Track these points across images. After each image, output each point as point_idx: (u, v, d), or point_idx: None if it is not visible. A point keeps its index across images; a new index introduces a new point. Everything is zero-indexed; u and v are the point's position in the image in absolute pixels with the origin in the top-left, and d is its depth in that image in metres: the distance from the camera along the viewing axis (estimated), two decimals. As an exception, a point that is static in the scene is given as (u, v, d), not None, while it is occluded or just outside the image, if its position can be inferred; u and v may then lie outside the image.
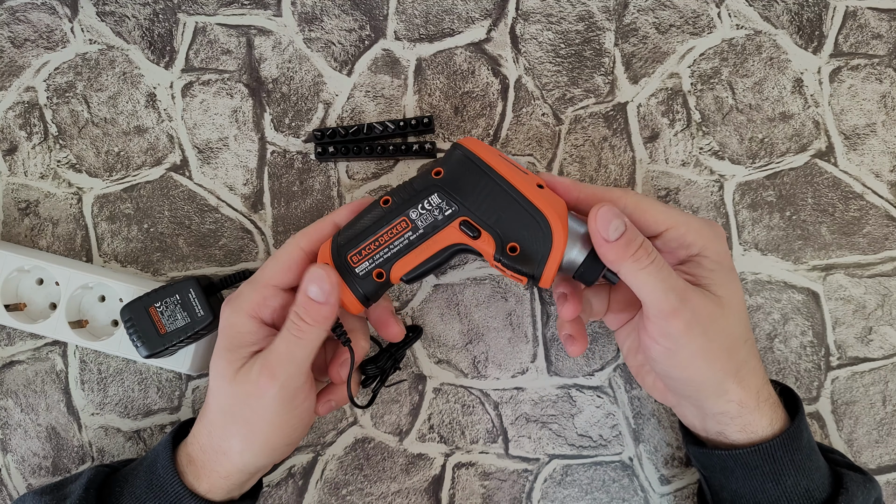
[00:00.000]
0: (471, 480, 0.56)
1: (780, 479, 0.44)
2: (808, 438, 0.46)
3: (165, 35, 0.58)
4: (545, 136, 0.58)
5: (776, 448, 0.44)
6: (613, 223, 0.40)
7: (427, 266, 0.43)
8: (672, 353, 0.42)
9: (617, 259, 0.41)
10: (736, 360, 0.43)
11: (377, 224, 0.43)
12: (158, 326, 0.49)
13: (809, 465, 0.45)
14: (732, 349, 0.43)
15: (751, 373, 0.44)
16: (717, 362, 0.43)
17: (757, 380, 0.45)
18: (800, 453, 0.45)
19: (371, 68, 0.58)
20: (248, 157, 0.58)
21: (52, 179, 0.58)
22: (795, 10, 0.59)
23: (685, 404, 0.47)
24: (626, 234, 0.41)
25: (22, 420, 0.56)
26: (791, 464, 0.44)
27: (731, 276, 0.44)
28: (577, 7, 0.58)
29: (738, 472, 0.46)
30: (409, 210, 0.43)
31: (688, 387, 0.45)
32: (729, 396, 0.44)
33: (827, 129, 0.58)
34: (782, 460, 0.44)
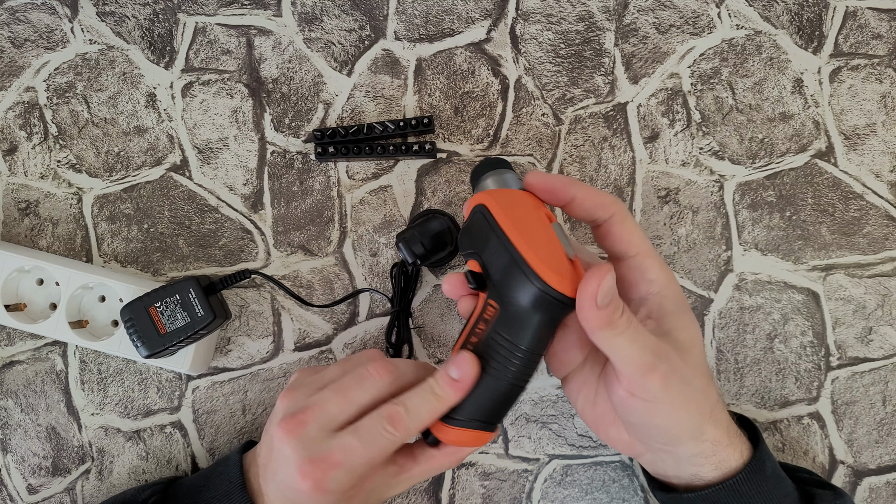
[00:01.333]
0: (471, 480, 0.56)
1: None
2: (772, 466, 0.46)
3: (165, 35, 0.58)
4: (545, 137, 0.58)
5: (741, 482, 0.44)
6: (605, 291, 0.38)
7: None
8: (653, 406, 0.41)
9: (599, 326, 0.39)
10: (710, 401, 0.43)
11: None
12: (158, 326, 0.49)
13: (777, 492, 0.45)
14: (706, 391, 0.43)
15: (721, 411, 0.44)
16: (694, 406, 0.42)
17: (725, 415, 0.45)
18: (766, 483, 0.45)
19: (371, 68, 0.58)
20: (248, 157, 0.58)
21: (52, 179, 0.58)
22: (795, 10, 0.59)
23: (658, 453, 0.46)
24: (613, 302, 0.39)
25: (22, 420, 0.56)
26: (758, 495, 0.44)
27: (690, 316, 0.44)
28: (577, 7, 0.58)
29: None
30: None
31: (666, 435, 0.44)
32: (705, 437, 0.43)
33: (827, 129, 0.58)
34: (749, 493, 0.44)
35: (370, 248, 0.57)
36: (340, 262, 0.57)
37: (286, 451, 0.42)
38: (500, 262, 0.40)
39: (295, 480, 0.41)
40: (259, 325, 0.57)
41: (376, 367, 0.43)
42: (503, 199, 0.42)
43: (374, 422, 0.42)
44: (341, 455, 0.41)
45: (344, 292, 0.57)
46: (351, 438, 0.41)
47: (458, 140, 0.58)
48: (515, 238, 0.40)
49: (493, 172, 0.44)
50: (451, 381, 0.42)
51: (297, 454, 0.41)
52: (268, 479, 0.44)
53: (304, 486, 0.41)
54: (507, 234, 0.40)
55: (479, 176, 0.45)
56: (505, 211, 0.41)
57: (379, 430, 0.41)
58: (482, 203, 0.42)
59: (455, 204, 0.57)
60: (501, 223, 0.40)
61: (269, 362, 0.57)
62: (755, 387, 0.56)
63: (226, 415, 0.57)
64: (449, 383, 0.42)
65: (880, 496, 0.56)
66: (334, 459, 0.41)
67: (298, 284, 0.57)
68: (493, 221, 0.41)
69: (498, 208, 0.41)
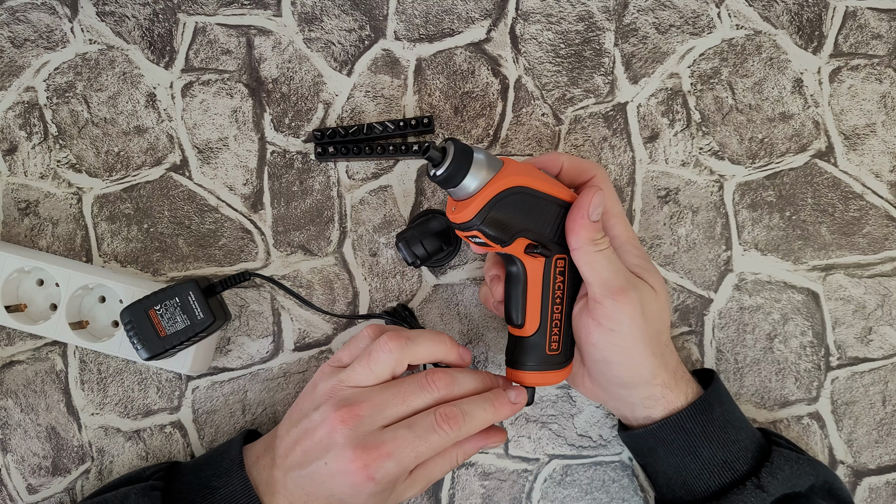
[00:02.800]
0: (471, 480, 0.56)
1: (697, 452, 0.47)
2: (721, 413, 0.48)
3: (165, 35, 0.58)
4: (545, 136, 0.58)
5: (686, 419, 0.47)
6: (596, 207, 0.45)
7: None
8: (614, 334, 0.46)
9: (586, 239, 0.45)
10: (661, 344, 0.48)
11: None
12: (158, 329, 0.49)
13: (725, 437, 0.48)
14: (659, 334, 0.47)
15: (670, 354, 0.49)
16: (650, 345, 0.46)
17: (674, 360, 0.49)
18: (711, 425, 0.47)
19: (371, 68, 0.58)
20: (248, 157, 0.58)
21: (51, 179, 0.58)
22: (795, 10, 0.58)
23: (615, 397, 0.50)
24: (601, 220, 0.45)
25: (22, 420, 0.56)
26: (703, 435, 0.47)
27: (654, 266, 0.49)
28: (577, 7, 0.58)
29: (659, 450, 0.49)
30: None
31: (624, 372, 0.47)
32: (656, 380, 0.47)
33: (827, 129, 0.58)
34: (693, 431, 0.47)
35: (370, 248, 0.57)
36: (340, 262, 0.57)
37: (338, 438, 0.43)
38: (556, 221, 0.46)
39: (344, 465, 0.43)
40: (259, 325, 0.57)
41: (438, 377, 0.46)
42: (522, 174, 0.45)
43: (429, 419, 0.44)
44: (393, 446, 0.43)
45: (344, 292, 0.57)
46: (405, 431, 0.44)
47: (457, 140, 0.58)
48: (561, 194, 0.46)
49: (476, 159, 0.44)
50: (508, 403, 0.47)
51: (349, 442, 0.43)
52: (290, 468, 0.45)
53: (355, 468, 0.42)
54: (555, 195, 0.46)
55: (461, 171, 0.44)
56: (536, 182, 0.45)
57: (433, 426, 0.44)
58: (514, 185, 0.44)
59: (455, 204, 0.57)
60: (546, 190, 0.46)
61: (269, 362, 0.57)
62: (755, 387, 0.57)
63: (226, 415, 0.57)
64: (507, 404, 0.47)
65: (880, 496, 0.56)
66: (386, 449, 0.43)
67: (298, 284, 0.57)
68: (537, 193, 0.45)
69: (531, 181, 0.45)
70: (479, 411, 0.46)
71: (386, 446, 0.43)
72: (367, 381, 0.46)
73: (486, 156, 0.44)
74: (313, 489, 0.45)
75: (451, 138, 0.44)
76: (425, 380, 0.46)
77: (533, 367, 0.48)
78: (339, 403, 0.44)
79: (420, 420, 0.44)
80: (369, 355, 0.46)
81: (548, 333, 0.48)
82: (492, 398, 0.47)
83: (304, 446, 0.45)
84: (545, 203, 0.45)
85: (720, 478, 0.47)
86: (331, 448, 0.43)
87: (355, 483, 0.43)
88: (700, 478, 0.47)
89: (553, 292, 0.47)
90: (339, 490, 0.44)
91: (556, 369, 0.48)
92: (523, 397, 0.48)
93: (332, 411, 0.44)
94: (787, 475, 0.46)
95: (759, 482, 0.46)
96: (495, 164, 0.44)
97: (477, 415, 0.46)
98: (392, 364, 0.46)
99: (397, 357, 0.46)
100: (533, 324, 0.48)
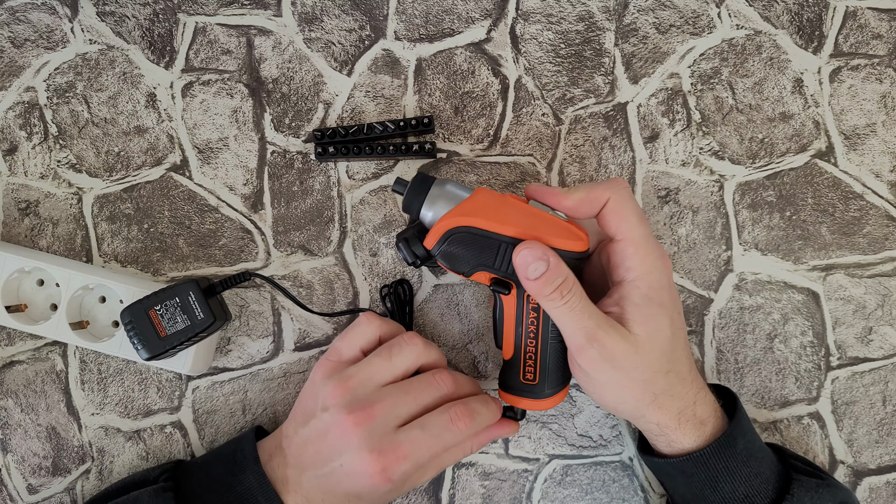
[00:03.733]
0: (471, 480, 0.56)
1: (717, 486, 0.46)
2: (744, 447, 0.47)
3: (165, 35, 0.58)
4: (545, 137, 0.58)
5: (708, 456, 0.46)
6: (532, 265, 0.43)
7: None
8: (586, 383, 0.46)
9: (536, 296, 0.44)
10: (652, 391, 0.45)
11: None
12: (158, 329, 0.49)
13: (747, 471, 0.46)
14: (648, 381, 0.45)
15: (671, 399, 0.46)
16: (628, 392, 0.45)
17: (678, 403, 0.46)
18: (733, 461, 0.46)
19: (371, 68, 0.58)
20: (248, 157, 0.58)
21: (52, 179, 0.58)
22: (795, 10, 0.58)
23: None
24: (546, 275, 0.43)
25: (22, 420, 0.56)
26: (725, 471, 0.46)
27: (657, 311, 0.45)
28: (577, 7, 0.58)
29: (678, 478, 0.48)
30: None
31: (612, 409, 0.48)
32: (647, 419, 0.47)
33: (827, 129, 0.58)
34: (715, 467, 0.46)
35: (370, 248, 0.57)
36: (340, 262, 0.57)
37: (353, 440, 0.44)
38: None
39: (361, 468, 0.43)
40: (259, 325, 0.57)
41: (443, 376, 0.48)
42: (471, 210, 0.45)
43: (442, 418, 0.45)
44: (409, 448, 0.44)
45: (344, 292, 0.57)
46: (419, 432, 0.44)
47: (458, 140, 0.58)
48: (512, 232, 0.45)
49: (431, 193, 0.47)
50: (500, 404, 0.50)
51: (365, 444, 0.43)
52: (305, 468, 0.46)
53: (373, 471, 0.43)
54: (504, 234, 0.45)
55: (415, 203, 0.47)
56: (489, 222, 0.45)
57: (446, 425, 0.45)
58: (459, 226, 0.45)
59: (455, 204, 0.57)
60: (493, 229, 0.45)
61: (269, 362, 0.57)
62: (755, 387, 0.57)
63: (226, 415, 0.57)
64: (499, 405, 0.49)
65: (880, 496, 0.56)
66: (402, 451, 0.44)
67: (298, 284, 0.57)
68: (484, 232, 0.45)
69: (477, 220, 0.45)
70: (484, 409, 0.47)
71: (402, 448, 0.43)
72: (384, 376, 0.47)
73: (447, 190, 0.46)
74: (330, 488, 0.45)
75: (419, 170, 0.47)
76: (433, 378, 0.47)
77: (508, 391, 0.49)
78: (351, 405, 0.45)
79: (433, 419, 0.45)
80: (391, 349, 0.47)
81: (521, 363, 0.48)
82: (489, 399, 0.49)
83: (318, 447, 0.45)
84: (497, 244, 0.45)
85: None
86: (345, 451, 0.44)
87: (373, 484, 0.44)
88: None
89: (526, 326, 0.47)
90: (355, 489, 0.45)
91: (531, 398, 0.48)
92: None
93: (344, 413, 0.44)
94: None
95: None
96: (455, 197, 0.46)
97: (483, 412, 0.47)
98: (414, 360, 0.47)
99: (420, 352, 0.48)
100: (508, 350, 0.49)
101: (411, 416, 0.46)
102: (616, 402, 0.47)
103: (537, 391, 0.48)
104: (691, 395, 0.47)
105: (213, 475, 0.47)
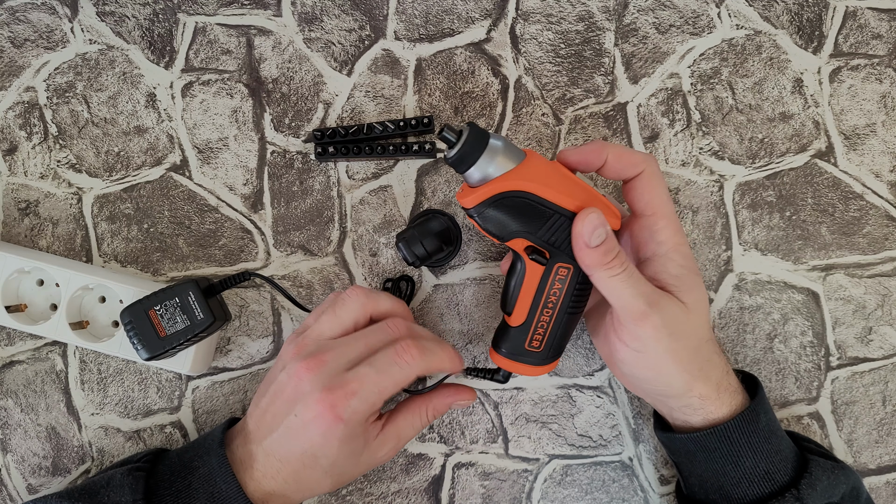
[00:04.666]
0: (471, 480, 0.56)
1: (739, 461, 0.46)
2: (766, 423, 0.47)
3: (165, 35, 0.58)
4: (545, 136, 0.58)
5: (731, 430, 0.46)
6: (597, 231, 0.42)
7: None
8: (641, 355, 0.45)
9: (593, 265, 0.43)
10: (700, 359, 0.46)
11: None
12: (158, 330, 0.49)
13: (768, 447, 0.47)
14: (697, 349, 0.46)
15: (712, 368, 0.47)
16: (682, 363, 0.45)
17: (717, 373, 0.47)
18: (756, 436, 0.47)
19: (371, 68, 0.58)
20: (248, 157, 0.58)
21: (52, 179, 0.58)
22: (795, 10, 0.58)
23: (653, 400, 0.50)
24: (606, 243, 0.43)
25: (22, 420, 0.56)
26: (748, 445, 0.46)
27: (697, 280, 0.46)
28: (577, 7, 0.58)
29: (699, 455, 0.48)
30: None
31: (655, 386, 0.47)
32: (692, 392, 0.46)
33: (827, 129, 0.58)
34: (738, 441, 0.46)
35: (370, 248, 0.57)
36: (340, 262, 0.57)
37: (305, 386, 0.44)
38: (564, 231, 0.44)
39: (312, 409, 0.43)
40: (259, 324, 0.57)
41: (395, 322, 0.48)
42: (530, 176, 0.44)
43: (389, 352, 0.45)
44: (357, 384, 0.43)
45: (344, 292, 0.57)
46: (367, 368, 0.44)
47: (458, 140, 0.58)
48: (568, 204, 0.44)
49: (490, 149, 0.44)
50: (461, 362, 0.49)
51: (315, 387, 0.43)
52: (262, 438, 0.45)
53: (323, 409, 0.43)
54: (560, 205, 0.44)
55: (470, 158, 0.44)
56: (544, 189, 0.44)
57: (393, 358, 0.45)
58: (517, 189, 0.44)
59: (455, 204, 0.57)
60: (554, 199, 0.44)
61: (269, 362, 0.57)
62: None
63: (226, 415, 0.57)
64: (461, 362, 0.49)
65: (880, 496, 0.56)
66: (350, 388, 0.43)
67: (298, 284, 0.57)
68: (542, 202, 0.44)
69: (536, 187, 0.44)
70: (437, 349, 0.47)
71: (350, 385, 0.43)
72: (333, 329, 0.47)
73: (505, 148, 0.44)
74: (284, 452, 0.45)
75: (472, 122, 0.44)
76: (385, 325, 0.47)
77: (507, 355, 0.49)
78: (305, 356, 0.45)
79: (380, 355, 0.45)
80: (335, 303, 0.48)
81: (531, 331, 0.48)
82: (445, 343, 0.49)
83: (275, 408, 0.45)
84: (550, 213, 0.44)
85: (760, 488, 0.46)
86: (299, 398, 0.44)
87: (325, 428, 0.43)
88: (739, 486, 0.47)
89: (547, 297, 0.47)
90: (310, 443, 0.44)
91: (532, 364, 0.49)
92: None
93: (297, 363, 0.45)
94: (825, 486, 0.46)
95: (798, 494, 0.45)
96: (512, 158, 0.44)
97: (435, 351, 0.47)
98: (358, 309, 0.47)
99: (363, 303, 0.47)
100: (519, 317, 0.48)
101: (361, 357, 0.45)
102: (670, 375, 0.45)
103: (539, 358, 0.49)
104: (724, 364, 0.48)
105: (184, 459, 0.47)
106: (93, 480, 0.48)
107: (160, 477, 0.47)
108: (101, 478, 0.47)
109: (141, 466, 0.48)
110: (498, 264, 0.57)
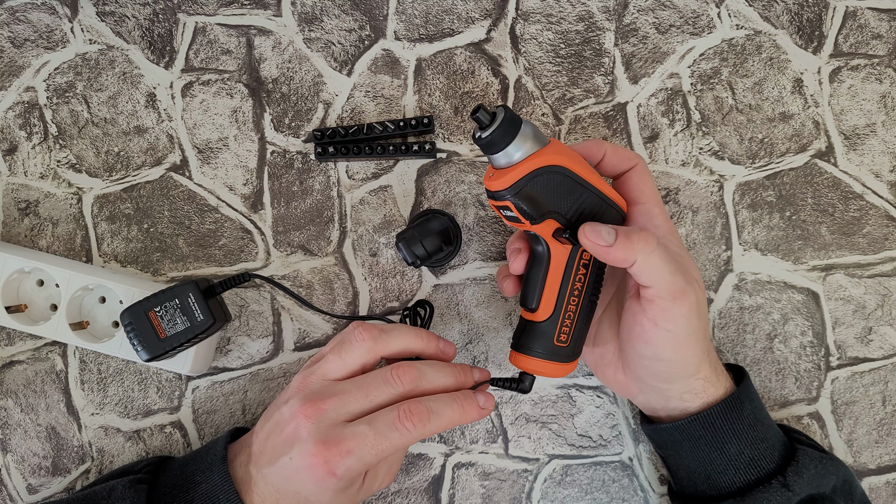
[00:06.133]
0: (471, 480, 0.56)
1: (724, 448, 0.47)
2: (751, 411, 0.48)
3: (165, 35, 0.58)
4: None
5: (715, 416, 0.47)
6: (603, 231, 0.43)
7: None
8: (671, 335, 0.44)
9: (627, 255, 0.43)
10: (707, 339, 0.47)
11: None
12: (158, 331, 0.49)
13: (753, 434, 0.47)
14: (707, 329, 0.47)
15: (713, 350, 0.49)
16: (700, 342, 0.46)
17: (715, 356, 0.49)
18: (740, 422, 0.47)
19: (371, 68, 0.58)
20: (248, 157, 0.58)
21: (52, 179, 0.58)
22: (795, 10, 0.58)
23: (651, 391, 0.49)
24: (621, 233, 0.43)
25: (22, 420, 0.56)
26: (732, 432, 0.47)
27: (692, 262, 0.48)
28: (577, 7, 0.58)
29: (685, 444, 0.48)
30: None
31: (671, 367, 0.46)
32: (699, 374, 0.47)
33: (827, 129, 0.58)
34: (722, 428, 0.47)
35: (370, 248, 0.57)
36: (340, 262, 0.57)
37: (302, 433, 0.43)
38: (591, 211, 0.45)
39: (307, 460, 0.42)
40: (259, 325, 0.57)
41: (401, 371, 0.45)
42: (564, 155, 0.44)
43: (391, 415, 0.43)
44: (353, 443, 0.42)
45: (344, 292, 0.57)
46: (365, 428, 0.43)
47: (458, 140, 0.58)
48: (600, 185, 0.45)
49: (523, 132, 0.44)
50: (476, 407, 0.46)
51: (311, 436, 0.42)
52: (262, 465, 0.45)
53: (316, 462, 0.42)
54: (593, 184, 0.45)
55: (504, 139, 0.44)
56: (576, 166, 0.44)
57: (394, 423, 0.43)
58: (555, 164, 0.44)
59: (455, 204, 0.57)
60: (585, 176, 0.45)
61: (269, 362, 0.57)
62: (755, 387, 0.56)
63: (226, 415, 0.57)
64: (475, 408, 0.46)
65: (880, 496, 0.56)
66: (346, 446, 0.42)
67: (298, 284, 0.57)
68: (576, 177, 0.44)
69: (571, 163, 0.44)
70: (446, 410, 0.45)
71: (346, 443, 0.42)
72: (337, 371, 0.46)
73: (534, 129, 0.44)
74: (282, 486, 0.44)
75: (504, 105, 0.44)
76: (390, 374, 0.45)
77: (539, 355, 0.47)
78: (306, 397, 0.44)
79: (381, 416, 0.43)
80: (341, 345, 0.46)
81: (559, 323, 0.47)
82: (461, 398, 0.45)
83: (274, 442, 0.45)
84: (582, 189, 0.45)
85: (746, 475, 0.47)
86: (295, 443, 0.43)
87: (318, 479, 0.42)
88: (725, 473, 0.47)
89: (573, 282, 0.47)
90: (304, 487, 0.43)
91: (560, 362, 0.48)
92: (492, 403, 0.47)
93: (298, 405, 0.44)
94: (813, 475, 0.46)
95: (784, 481, 0.46)
96: (541, 140, 0.44)
97: (443, 413, 0.44)
98: (363, 355, 0.46)
99: (369, 347, 0.46)
100: (546, 310, 0.47)
101: (363, 412, 0.44)
102: (691, 354, 0.45)
103: (567, 354, 0.48)
104: (713, 345, 0.49)
105: (186, 472, 0.47)
106: (93, 491, 0.47)
107: (162, 490, 0.47)
108: (102, 488, 0.47)
109: (143, 478, 0.48)
110: (498, 264, 0.57)
